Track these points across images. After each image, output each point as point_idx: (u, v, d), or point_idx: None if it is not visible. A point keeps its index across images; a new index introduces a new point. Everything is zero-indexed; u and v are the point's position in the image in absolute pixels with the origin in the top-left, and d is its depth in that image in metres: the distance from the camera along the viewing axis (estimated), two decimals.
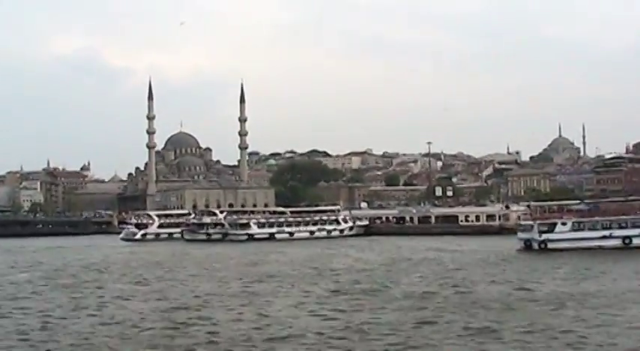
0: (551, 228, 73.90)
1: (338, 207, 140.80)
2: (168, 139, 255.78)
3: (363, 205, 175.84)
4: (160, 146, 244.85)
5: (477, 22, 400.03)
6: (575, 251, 68.22)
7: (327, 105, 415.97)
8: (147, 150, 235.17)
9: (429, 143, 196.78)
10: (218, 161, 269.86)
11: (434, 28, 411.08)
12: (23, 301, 41.14)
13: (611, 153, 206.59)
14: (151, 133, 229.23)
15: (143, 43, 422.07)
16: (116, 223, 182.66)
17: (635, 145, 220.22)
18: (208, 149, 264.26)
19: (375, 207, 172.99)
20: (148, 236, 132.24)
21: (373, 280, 48.33)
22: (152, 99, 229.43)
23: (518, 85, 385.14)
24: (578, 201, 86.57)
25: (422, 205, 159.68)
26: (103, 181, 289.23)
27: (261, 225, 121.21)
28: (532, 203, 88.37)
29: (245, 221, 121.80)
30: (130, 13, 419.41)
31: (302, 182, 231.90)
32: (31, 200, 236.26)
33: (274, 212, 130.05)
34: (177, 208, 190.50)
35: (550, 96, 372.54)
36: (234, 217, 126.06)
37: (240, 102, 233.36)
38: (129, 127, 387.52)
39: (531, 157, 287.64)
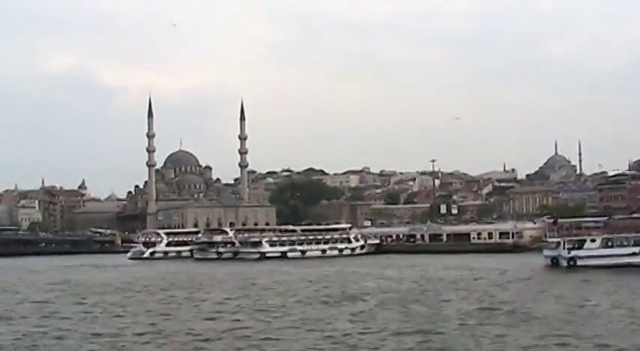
0: (580, 245, 73.44)
1: (349, 225, 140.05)
2: (168, 158, 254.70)
3: (367, 223, 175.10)
4: (158, 165, 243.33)
5: (470, 41, 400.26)
6: (605, 268, 67.77)
7: (322, 123, 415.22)
8: (144, 168, 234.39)
9: (432, 161, 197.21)
10: (218, 180, 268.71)
11: (426, 47, 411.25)
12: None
13: (615, 170, 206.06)
14: (150, 151, 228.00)
15: (136, 62, 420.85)
16: (119, 241, 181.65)
17: (636, 162, 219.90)
18: (208, 167, 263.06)
19: (378, 225, 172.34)
20: (156, 255, 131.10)
21: (422, 300, 47.19)
22: (152, 116, 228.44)
23: (513, 103, 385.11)
24: (605, 217, 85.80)
25: (427, 223, 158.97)
26: (100, 200, 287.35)
27: (272, 243, 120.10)
28: (555, 220, 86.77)
29: (257, 239, 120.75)
30: (123, 32, 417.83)
31: (302, 200, 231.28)
32: (29, 219, 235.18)
33: (285, 231, 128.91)
34: (179, 227, 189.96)
35: (545, 114, 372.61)
36: (245, 235, 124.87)
37: (241, 120, 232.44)
38: (125, 145, 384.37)
39: (527, 175, 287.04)
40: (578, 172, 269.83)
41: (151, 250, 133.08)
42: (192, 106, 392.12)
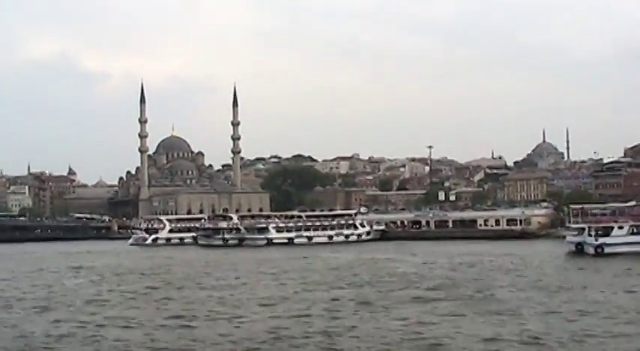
0: (607, 232, 72.87)
1: (355, 211, 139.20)
2: (160, 143, 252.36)
3: (363, 209, 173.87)
4: (148, 151, 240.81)
5: (457, 28, 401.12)
6: (634, 255, 67.35)
7: (309, 110, 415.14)
8: (133, 154, 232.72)
9: (429, 147, 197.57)
10: (210, 166, 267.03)
11: (413, 35, 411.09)
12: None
13: (609, 157, 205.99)
14: (143, 136, 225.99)
15: (120, 47, 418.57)
16: (116, 228, 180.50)
17: (631, 148, 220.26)
18: (200, 153, 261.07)
19: (373, 211, 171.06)
20: (159, 241, 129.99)
21: (466, 287, 46.35)
22: (144, 102, 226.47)
23: (500, 91, 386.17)
24: (633, 202, 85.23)
25: (427, 209, 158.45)
26: (89, 186, 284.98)
27: (279, 229, 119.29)
28: (582, 207, 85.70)
29: (264, 226, 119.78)
30: (105, 17, 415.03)
31: (294, 187, 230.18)
32: (19, 205, 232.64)
33: (290, 217, 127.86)
34: (172, 213, 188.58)
35: (532, 102, 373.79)
36: (251, 221, 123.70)
37: (233, 106, 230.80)
38: (112, 131, 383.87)
39: (515, 163, 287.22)
40: (565, 159, 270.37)
41: (153, 236, 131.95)
42: (178, 93, 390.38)
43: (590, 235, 73.08)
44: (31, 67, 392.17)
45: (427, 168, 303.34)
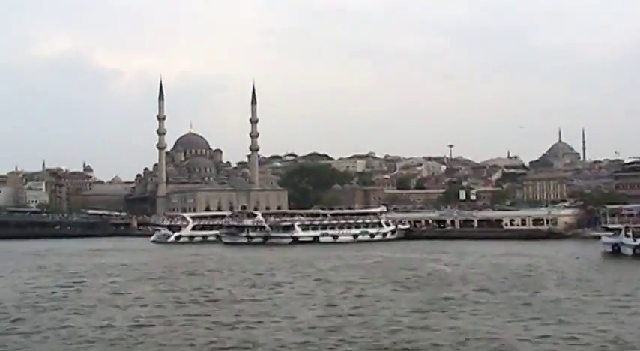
0: None
1: (380, 209, 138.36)
2: (178, 140, 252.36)
3: (382, 208, 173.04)
4: (167, 148, 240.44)
5: (471, 29, 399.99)
6: None
7: (324, 109, 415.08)
8: (148, 152, 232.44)
9: (450, 146, 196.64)
10: (228, 163, 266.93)
11: (428, 36, 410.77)
12: None
13: (631, 158, 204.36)
14: (161, 133, 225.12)
15: (133, 45, 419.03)
16: (135, 224, 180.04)
17: None
18: (218, 151, 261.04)
19: (392, 210, 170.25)
20: (181, 239, 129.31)
21: (520, 288, 45.76)
22: (162, 99, 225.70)
23: (513, 91, 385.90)
24: None
25: (447, 208, 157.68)
26: (105, 183, 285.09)
27: (305, 228, 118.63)
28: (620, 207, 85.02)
29: (289, 223, 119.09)
30: (118, 16, 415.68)
31: (311, 185, 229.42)
32: (36, 201, 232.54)
33: (315, 215, 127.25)
34: (190, 211, 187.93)
35: (546, 102, 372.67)
36: (276, 219, 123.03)
37: (252, 103, 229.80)
38: (126, 129, 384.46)
39: (531, 163, 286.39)
40: (581, 159, 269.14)
41: (176, 233, 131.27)
42: (192, 91, 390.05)
43: (627, 236, 72.14)
44: (45, 64, 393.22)
45: (444, 167, 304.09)
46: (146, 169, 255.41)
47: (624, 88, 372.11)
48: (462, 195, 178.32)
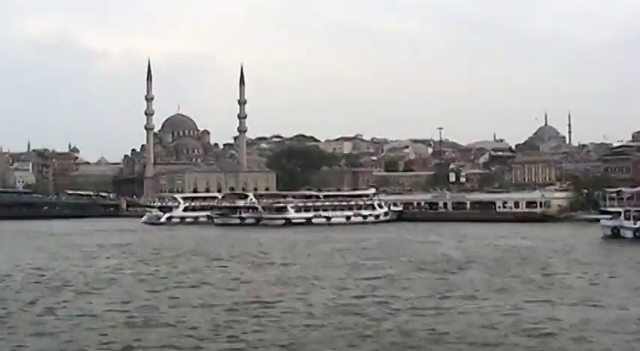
0: None
1: (373, 191, 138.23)
2: (166, 121, 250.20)
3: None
4: (156, 129, 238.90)
5: (458, 12, 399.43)
6: None
7: (310, 90, 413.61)
8: (135, 132, 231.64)
9: (439, 128, 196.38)
10: (216, 144, 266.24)
11: (414, 18, 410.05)
12: None
13: (620, 141, 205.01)
14: (149, 114, 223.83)
15: (119, 25, 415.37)
16: (124, 206, 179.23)
17: (637, 133, 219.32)
18: (206, 132, 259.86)
19: (380, 192, 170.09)
20: (173, 220, 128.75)
21: (527, 270, 45.51)
22: (151, 79, 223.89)
23: (501, 75, 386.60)
24: None
25: (437, 191, 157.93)
26: (92, 163, 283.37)
27: (298, 209, 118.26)
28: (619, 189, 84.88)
29: (282, 205, 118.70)
30: None
31: (299, 166, 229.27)
32: (23, 181, 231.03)
33: (309, 196, 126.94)
34: (178, 192, 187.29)
35: (532, 86, 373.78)
36: (269, 201, 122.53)
37: (240, 84, 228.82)
38: (113, 109, 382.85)
39: (517, 145, 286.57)
40: (567, 142, 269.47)
41: (167, 214, 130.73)
42: (179, 71, 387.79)
43: (627, 219, 72.09)
44: (31, 44, 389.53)
45: (430, 149, 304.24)
46: (133, 150, 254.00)
47: (611, 72, 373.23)
48: (452, 177, 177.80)
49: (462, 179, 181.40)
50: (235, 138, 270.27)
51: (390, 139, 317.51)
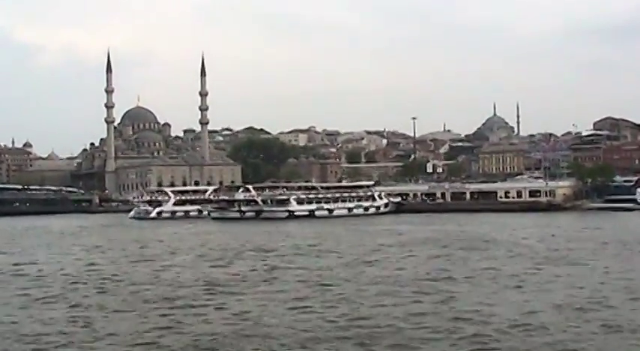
0: None
1: (373, 182, 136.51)
2: (126, 114, 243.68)
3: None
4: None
5: (401, 5, 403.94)
6: None
7: (256, 84, 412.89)
8: (90, 126, 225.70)
9: (413, 119, 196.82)
10: (178, 137, 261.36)
11: (354, 11, 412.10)
12: None
13: (588, 130, 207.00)
14: (109, 107, 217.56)
15: (55, 20, 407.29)
16: (97, 201, 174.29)
17: (599, 121, 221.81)
18: (167, 124, 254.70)
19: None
20: (163, 214, 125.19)
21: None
22: (110, 72, 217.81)
23: (444, 67, 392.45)
24: None
25: (412, 180, 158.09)
26: (46, 158, 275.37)
27: (300, 201, 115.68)
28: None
29: (285, 197, 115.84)
30: None
31: (261, 159, 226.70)
32: None
33: (312, 188, 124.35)
34: (141, 186, 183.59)
35: (477, 78, 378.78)
36: (269, 193, 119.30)
37: (201, 75, 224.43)
38: (60, 103, 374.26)
39: (466, 136, 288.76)
40: (515, 133, 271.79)
41: (157, 209, 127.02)
42: (120, 65, 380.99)
43: None
44: None
45: (384, 141, 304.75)
46: (92, 144, 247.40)
47: (559, 63, 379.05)
48: (430, 168, 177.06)
49: (429, 169, 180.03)
50: (186, 131, 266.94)
51: (343, 131, 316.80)
